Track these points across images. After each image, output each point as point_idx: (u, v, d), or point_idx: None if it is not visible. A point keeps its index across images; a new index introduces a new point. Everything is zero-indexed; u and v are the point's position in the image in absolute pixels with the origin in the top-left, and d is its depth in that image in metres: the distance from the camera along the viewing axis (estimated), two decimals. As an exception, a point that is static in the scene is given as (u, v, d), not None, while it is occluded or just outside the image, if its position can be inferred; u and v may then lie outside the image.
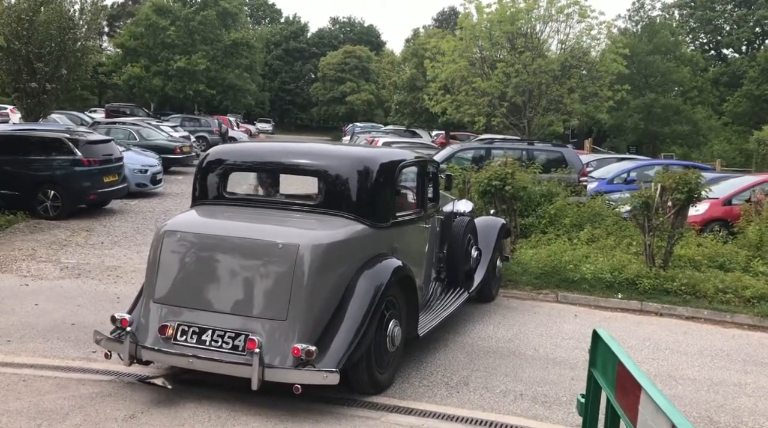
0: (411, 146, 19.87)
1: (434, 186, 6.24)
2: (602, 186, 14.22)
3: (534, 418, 4.41)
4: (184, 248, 4.51)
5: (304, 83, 67.31)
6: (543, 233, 9.93)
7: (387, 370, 4.73)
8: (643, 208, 8.11)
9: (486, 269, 6.95)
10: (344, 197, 4.94)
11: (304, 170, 5.28)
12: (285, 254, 4.26)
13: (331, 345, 4.19)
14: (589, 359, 2.48)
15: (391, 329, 4.68)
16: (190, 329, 4.29)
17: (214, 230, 4.64)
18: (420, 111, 40.10)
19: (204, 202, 5.22)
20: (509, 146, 14.17)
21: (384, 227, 5.03)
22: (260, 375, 3.98)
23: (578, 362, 5.58)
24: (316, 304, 4.26)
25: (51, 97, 21.37)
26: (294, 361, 4.05)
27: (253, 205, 5.18)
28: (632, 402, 1.98)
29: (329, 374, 4.00)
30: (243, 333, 4.18)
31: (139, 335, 4.37)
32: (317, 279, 4.28)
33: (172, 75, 46.74)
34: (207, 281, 4.37)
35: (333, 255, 4.43)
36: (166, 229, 4.63)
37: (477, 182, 9.42)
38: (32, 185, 11.28)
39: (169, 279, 4.48)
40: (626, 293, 7.82)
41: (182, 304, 4.40)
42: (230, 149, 5.90)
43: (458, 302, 6.18)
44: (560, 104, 22.86)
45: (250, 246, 4.37)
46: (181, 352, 4.22)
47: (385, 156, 5.39)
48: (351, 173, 4.99)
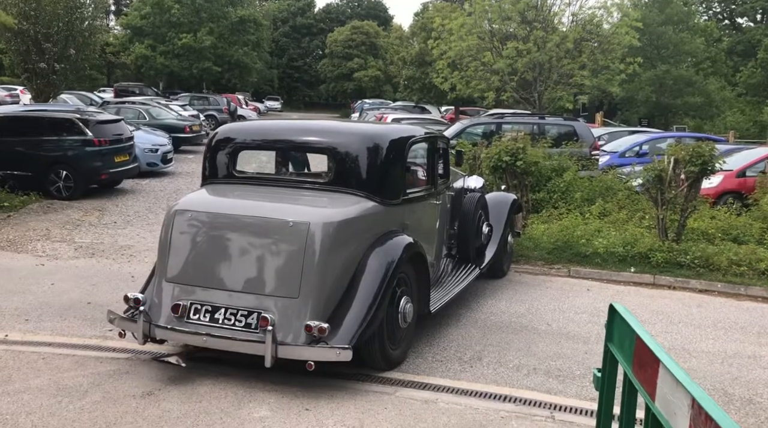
0: (420, 122, 19.77)
1: (445, 162, 6.19)
2: (614, 160, 14.11)
3: (548, 392, 4.43)
4: (195, 228, 4.52)
5: (311, 60, 66.88)
6: (554, 208, 9.89)
7: (399, 346, 4.75)
8: (656, 181, 8.04)
9: (497, 245, 6.92)
10: (354, 174, 4.92)
11: (313, 148, 5.25)
12: (296, 232, 4.27)
13: (343, 322, 4.20)
14: (606, 333, 2.47)
15: (402, 305, 4.69)
16: (203, 307, 4.31)
17: (225, 208, 4.65)
18: (429, 87, 39.74)
19: (214, 181, 5.22)
20: (520, 120, 14.06)
21: (395, 204, 5.01)
22: (273, 353, 4.00)
23: (591, 336, 5.59)
24: (327, 281, 4.27)
25: (60, 78, 21.39)
26: (307, 338, 4.07)
27: (263, 183, 5.15)
28: (650, 376, 1.97)
29: (342, 350, 4.01)
30: (256, 311, 4.20)
31: (152, 314, 4.38)
32: (328, 257, 4.28)
33: (179, 53, 46.54)
34: (219, 260, 4.38)
35: (344, 233, 4.43)
36: (177, 208, 4.63)
37: (487, 157, 9.36)
38: (44, 165, 11.34)
39: (180, 258, 4.49)
40: (639, 267, 7.79)
41: (194, 283, 4.41)
42: (239, 128, 5.85)
43: (469, 279, 6.17)
44: (571, 79, 22.58)
45: (261, 225, 4.37)
46: (195, 330, 4.24)
47: (394, 132, 5.36)
48: (361, 150, 4.96)
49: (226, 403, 4.04)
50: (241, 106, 36.92)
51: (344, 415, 3.91)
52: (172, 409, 3.93)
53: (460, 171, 7.71)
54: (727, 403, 4.42)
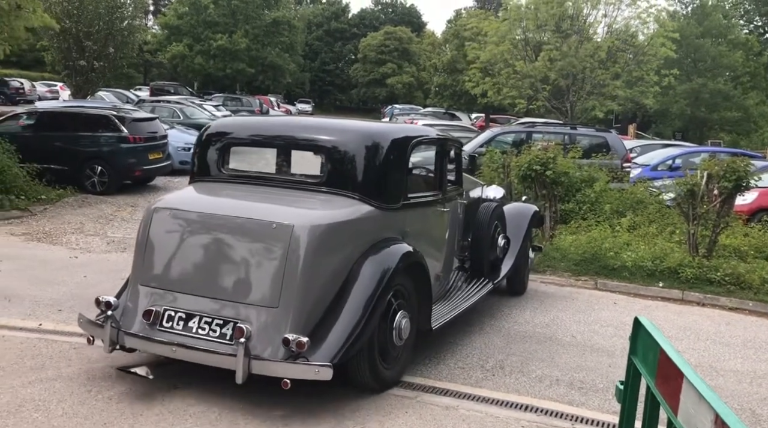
0: (449, 129, 19.78)
1: (457, 168, 5.84)
2: (646, 173, 13.91)
3: (570, 404, 4.41)
4: (174, 227, 4.19)
5: (344, 64, 67.28)
6: (583, 219, 9.81)
7: (393, 366, 4.39)
8: (688, 196, 7.94)
9: (514, 259, 6.47)
10: (350, 175, 4.53)
11: (307, 145, 4.81)
12: (279, 235, 3.92)
13: (327, 336, 3.86)
14: (630, 346, 2.47)
15: (398, 321, 4.32)
16: (177, 314, 4.00)
17: (206, 207, 4.30)
18: (460, 94, 39.75)
19: (203, 178, 4.88)
20: (551, 130, 13.97)
21: (393, 208, 4.63)
22: (246, 368, 3.67)
23: (616, 349, 5.53)
24: (312, 291, 3.93)
25: (99, 75, 21.94)
26: (285, 353, 3.73)
27: (255, 182, 4.76)
28: (674, 390, 1.97)
29: (321, 368, 3.66)
30: (232, 321, 3.88)
31: (125, 319, 4.09)
32: (314, 264, 3.93)
33: (214, 54, 47.26)
34: (197, 263, 4.08)
35: (333, 238, 4.08)
36: (156, 206, 4.32)
37: (517, 166, 9.33)
38: (80, 160, 11.62)
39: (156, 260, 4.18)
40: (668, 281, 7.69)
41: (170, 287, 4.10)
42: (231, 123, 5.49)
43: (480, 294, 5.74)
44: (604, 89, 22.39)
45: (243, 226, 4.04)
46: (165, 339, 3.93)
47: (396, 131, 4.99)
48: (358, 148, 4.55)
49: (248, 404, 4.08)
50: (273, 108, 37.33)
51: (365, 418, 3.94)
52: (194, 403, 4.00)
53: (480, 180, 7.44)
54: (754, 424, 4.34)
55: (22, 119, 12.53)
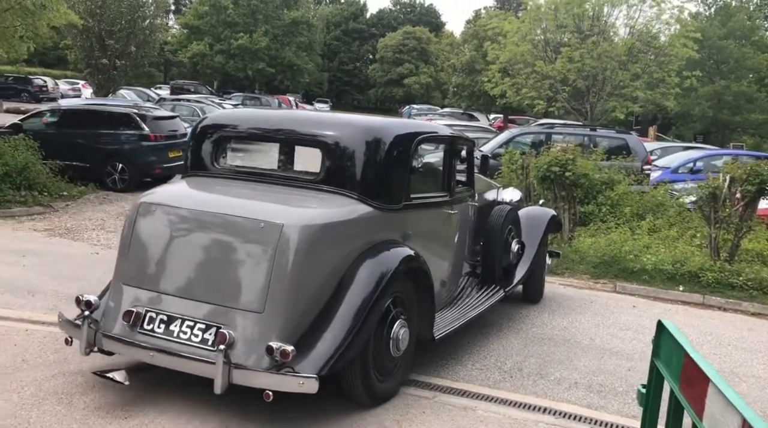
0: (468, 130, 19.71)
1: (468, 169, 5.56)
2: (666, 175, 13.78)
3: (588, 407, 4.37)
4: (159, 223, 3.98)
5: (362, 64, 67.44)
6: (602, 221, 9.73)
7: (390, 378, 4.14)
8: (710, 199, 7.85)
9: (529, 266, 6.15)
10: (348, 172, 4.26)
11: (304, 140, 4.55)
12: (267, 234, 3.67)
13: (316, 345, 3.59)
14: (653, 349, 2.45)
15: (396, 330, 4.07)
16: (159, 316, 3.77)
17: (194, 203, 4.04)
18: (478, 94, 39.64)
19: (197, 173, 4.63)
20: (570, 131, 13.88)
21: (394, 209, 4.36)
22: (226, 377, 3.42)
23: (635, 353, 5.48)
24: (301, 296, 3.67)
25: (120, 74, 22.21)
26: (268, 362, 3.47)
27: (249, 178, 4.51)
28: (699, 394, 1.95)
29: (306, 380, 3.40)
30: (215, 325, 3.63)
31: (105, 320, 3.89)
32: (304, 267, 3.68)
33: (234, 53, 47.59)
34: (181, 262, 3.86)
35: (326, 239, 3.83)
36: (142, 200, 4.12)
37: (536, 167, 9.29)
38: (102, 157, 11.76)
39: (140, 258, 3.96)
40: (688, 285, 7.61)
41: (152, 287, 3.87)
42: (226, 115, 5.22)
43: (490, 302, 5.45)
44: (624, 90, 22.18)
45: (230, 224, 3.81)
46: (145, 343, 3.71)
47: (400, 127, 4.70)
48: (358, 144, 4.27)
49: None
50: (292, 107, 37.48)
51: (382, 417, 3.94)
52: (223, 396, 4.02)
53: (495, 182, 7.19)
54: (776, 430, 4.28)
55: (46, 117, 12.71)
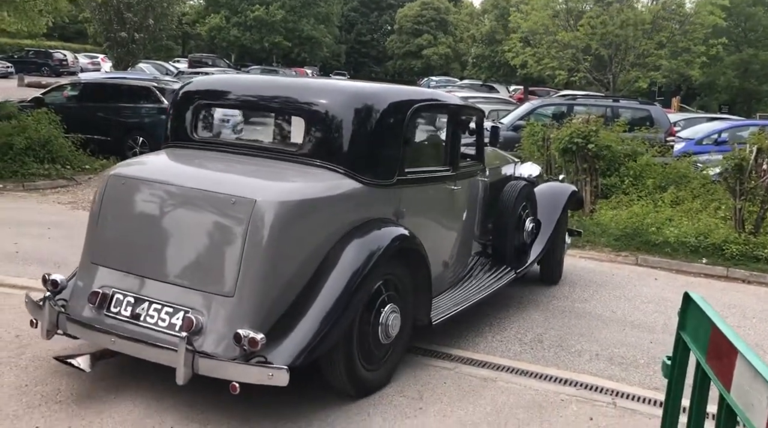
0: (488, 101, 19.49)
1: (477, 141, 5.17)
2: (690, 147, 13.57)
3: (610, 378, 4.37)
4: (128, 198, 3.71)
5: (380, 36, 66.74)
6: (624, 193, 9.62)
7: (378, 367, 3.86)
8: (736, 170, 7.72)
9: (545, 246, 5.79)
10: (335, 143, 3.90)
11: (286, 108, 4.18)
12: (238, 211, 3.36)
13: (290, 333, 3.30)
14: (679, 321, 2.42)
15: (385, 315, 3.79)
16: (126, 298, 3.51)
17: (165, 177, 3.74)
18: (498, 65, 39.11)
19: (175, 144, 4.31)
20: (593, 102, 13.69)
21: (385, 184, 4.00)
22: (189, 367, 3.16)
23: (657, 326, 5.46)
24: (276, 279, 3.37)
25: (139, 47, 22.23)
26: (236, 351, 3.19)
27: (228, 150, 4.18)
28: (726, 366, 1.93)
29: (276, 372, 3.11)
30: (182, 309, 3.36)
31: (72, 302, 3.65)
32: (279, 247, 3.36)
33: (251, 26, 47.36)
34: (150, 240, 3.58)
35: (305, 217, 3.52)
36: (111, 173, 3.85)
37: (558, 139, 9.18)
38: (122, 131, 11.84)
39: (108, 235, 3.71)
40: (711, 258, 7.53)
41: (121, 267, 3.61)
42: (206, 81, 4.81)
43: (498, 285, 5.11)
44: (648, 59, 21.75)
45: (200, 199, 3.50)
46: (109, 327, 3.46)
47: (394, 94, 4.28)
48: (346, 113, 3.90)
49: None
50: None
51: (404, 386, 3.98)
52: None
53: (512, 157, 6.84)
54: (800, 403, 4.25)
55: (66, 91, 12.80)
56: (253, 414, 3.50)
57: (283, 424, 3.45)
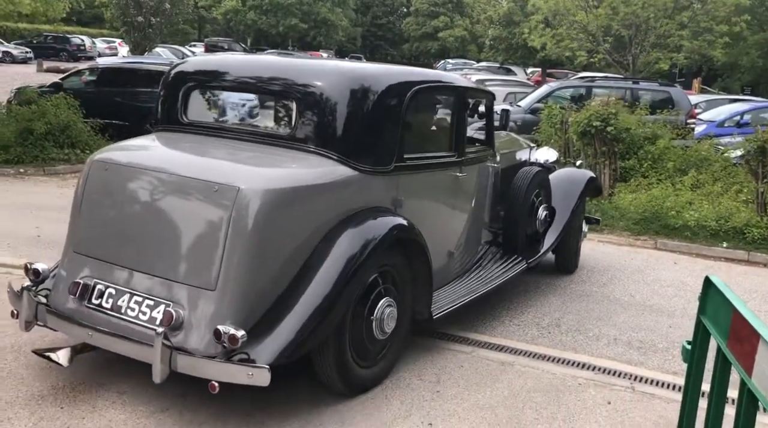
0: (505, 84, 19.32)
1: (487, 125, 4.98)
2: (711, 129, 13.37)
3: (628, 363, 4.36)
4: (110, 184, 3.54)
5: (396, 18, 66.23)
6: (644, 177, 9.51)
7: (373, 364, 3.69)
8: (758, 153, 7.60)
9: (559, 234, 5.61)
10: (328, 128, 3.68)
11: (278, 90, 3.92)
12: (221, 199, 3.18)
13: (275, 329, 3.12)
14: (699, 306, 2.40)
15: (380, 309, 3.60)
16: (107, 290, 3.36)
17: (149, 163, 3.55)
18: (515, 47, 38.70)
19: (165, 127, 4.14)
20: (612, 84, 13.51)
21: (382, 171, 3.79)
22: (167, 364, 3.00)
23: (676, 310, 5.42)
24: (260, 271, 3.19)
25: (155, 31, 22.32)
26: (216, 348, 3.03)
27: (218, 134, 3.97)
28: (748, 351, 1.91)
29: (256, 371, 2.94)
30: (163, 302, 3.20)
31: (54, 292, 3.52)
32: (265, 237, 3.17)
33: (267, 9, 47.25)
34: (133, 229, 3.42)
35: (293, 205, 3.32)
36: (94, 158, 3.68)
37: (576, 122, 9.08)
38: (139, 116, 11.87)
39: (91, 223, 3.56)
40: (732, 242, 7.45)
41: (103, 256, 3.46)
42: (196, 62, 4.55)
43: (508, 275, 4.93)
44: (669, 40, 21.36)
45: (183, 187, 3.32)
46: (88, 320, 3.31)
47: (393, 75, 4.05)
48: (341, 95, 3.68)
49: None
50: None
51: (421, 370, 4.00)
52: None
53: (526, 142, 6.60)
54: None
55: (85, 76, 12.88)
56: (264, 399, 3.46)
57: (299, 405, 3.48)
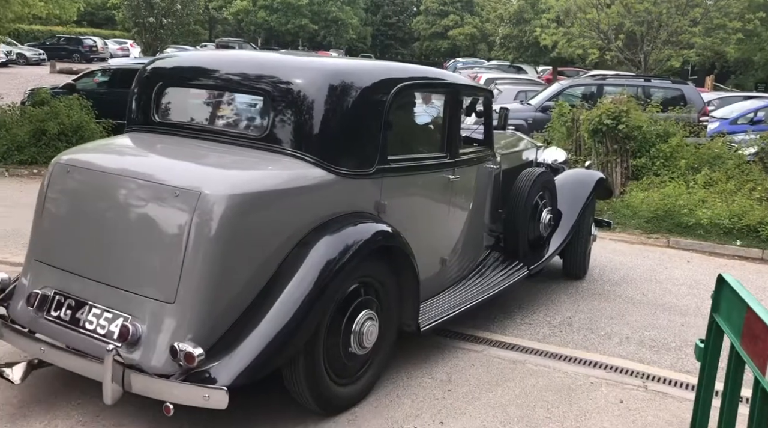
0: (516, 82, 19.26)
1: (486, 124, 4.76)
2: (724, 127, 13.24)
3: (640, 362, 4.34)
4: (72, 189, 3.32)
5: (405, 17, 66.19)
6: (656, 175, 9.44)
7: (352, 381, 3.44)
8: (773, 150, 7.53)
9: (564, 239, 5.35)
10: (304, 127, 3.41)
11: (250, 87, 3.64)
12: (182, 205, 2.94)
13: (238, 346, 2.87)
14: (712, 304, 2.39)
15: (359, 322, 3.36)
16: (67, 300, 3.14)
17: (112, 166, 3.32)
18: (526, 45, 38.48)
19: (137, 127, 3.91)
20: (623, 82, 13.43)
21: (362, 174, 3.53)
22: (119, 383, 2.78)
23: (689, 309, 5.39)
24: (224, 283, 2.94)
25: (167, 32, 22.47)
26: (173, 367, 2.81)
27: (189, 134, 3.72)
28: (762, 349, 1.90)
29: (213, 393, 2.71)
30: (122, 315, 2.97)
31: (13, 304, 3.33)
32: (229, 246, 2.94)
33: (277, 8, 47.40)
34: (93, 236, 3.19)
35: (261, 211, 3.07)
36: (57, 161, 3.42)
37: (587, 120, 9.04)
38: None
39: (52, 229, 3.34)
40: (746, 240, 7.39)
41: (63, 265, 3.23)
42: (168, 60, 4.33)
43: (506, 284, 4.66)
44: (681, 37, 21.17)
45: (145, 191, 3.08)
46: (46, 332, 3.11)
47: (375, 71, 3.78)
48: (318, 93, 3.40)
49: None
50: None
51: (432, 369, 4.00)
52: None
53: (534, 141, 6.40)
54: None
55: (97, 77, 12.99)
56: (280, 396, 3.47)
57: (313, 404, 3.49)
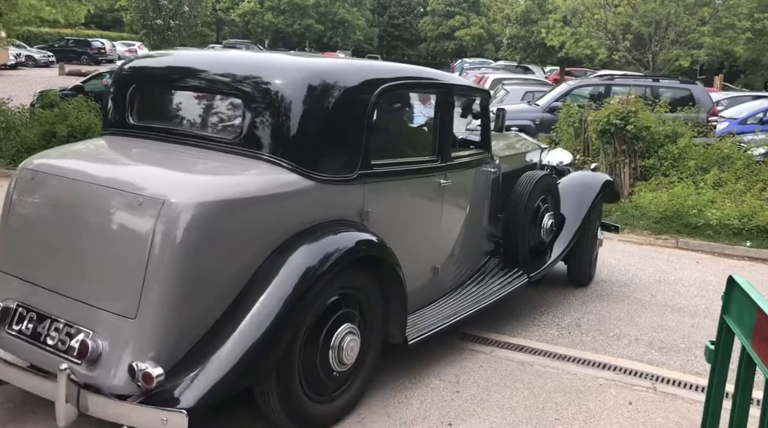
0: (523, 83, 19.23)
1: (483, 126, 4.60)
2: (733, 127, 13.18)
3: (649, 363, 4.32)
4: (37, 196, 3.16)
5: (412, 18, 66.22)
6: (664, 175, 9.41)
7: (332, 399, 3.26)
8: (783, 150, 7.49)
9: (567, 245, 5.14)
10: (280, 130, 3.22)
11: (225, 88, 3.42)
12: (145, 214, 2.77)
13: (203, 365, 2.69)
14: (723, 305, 2.38)
15: (340, 337, 3.17)
16: (29, 314, 2.98)
17: (77, 172, 3.15)
18: (533, 46, 38.42)
19: (112, 130, 3.73)
20: (631, 82, 13.39)
21: (343, 180, 3.34)
22: (74, 403, 2.62)
23: (698, 310, 5.36)
24: (189, 296, 2.76)
25: (174, 34, 22.59)
26: (132, 387, 2.65)
27: (162, 137, 3.53)
28: (773, 351, 1.89)
29: (172, 416, 2.54)
30: (83, 331, 2.80)
31: None
32: (195, 258, 2.76)
33: (284, 9, 47.53)
34: (56, 246, 3.03)
35: (231, 221, 2.88)
36: (24, 166, 3.27)
37: (595, 120, 9.01)
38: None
39: (16, 238, 3.18)
40: (756, 241, 7.35)
41: (26, 277, 3.08)
42: (146, 59, 4.18)
43: (504, 292, 4.49)
44: (690, 36, 21.08)
45: (109, 198, 2.91)
46: (7, 349, 2.98)
47: (356, 72, 3.58)
48: (294, 94, 3.21)
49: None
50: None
51: (441, 370, 4.00)
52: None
53: (538, 143, 6.22)
54: None
55: (105, 79, 13.06)
56: None
57: (322, 405, 3.50)
